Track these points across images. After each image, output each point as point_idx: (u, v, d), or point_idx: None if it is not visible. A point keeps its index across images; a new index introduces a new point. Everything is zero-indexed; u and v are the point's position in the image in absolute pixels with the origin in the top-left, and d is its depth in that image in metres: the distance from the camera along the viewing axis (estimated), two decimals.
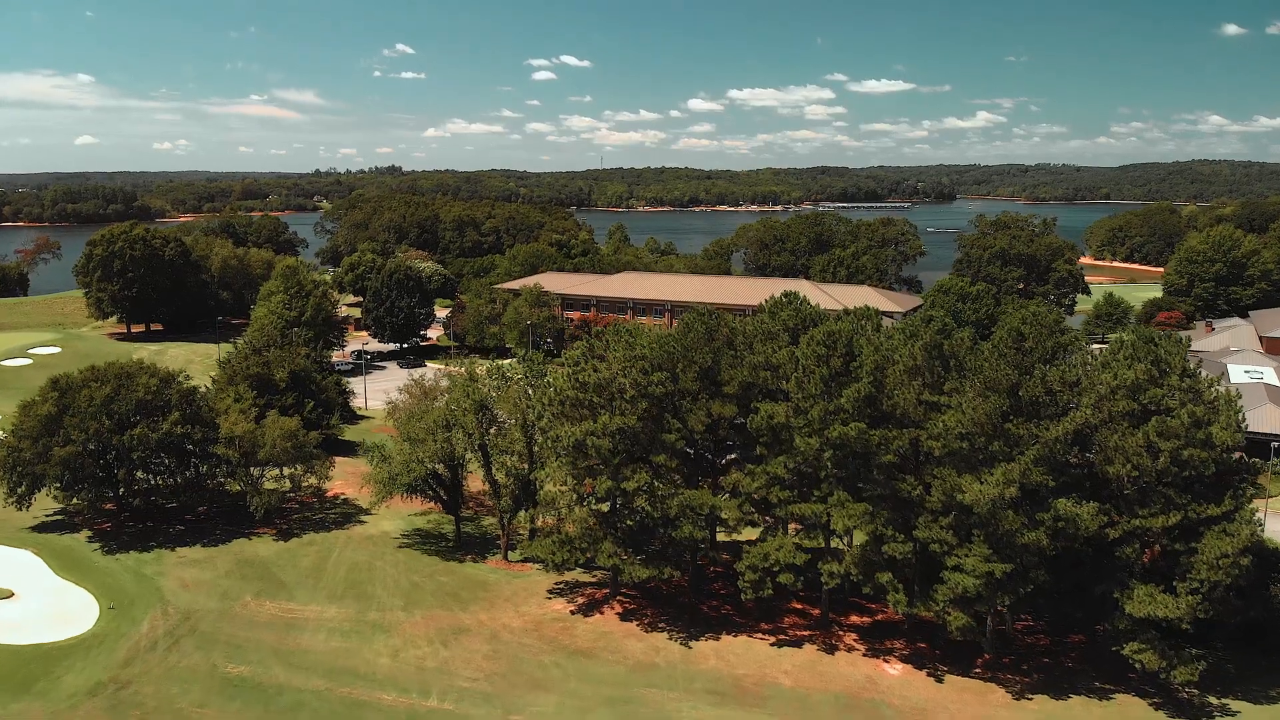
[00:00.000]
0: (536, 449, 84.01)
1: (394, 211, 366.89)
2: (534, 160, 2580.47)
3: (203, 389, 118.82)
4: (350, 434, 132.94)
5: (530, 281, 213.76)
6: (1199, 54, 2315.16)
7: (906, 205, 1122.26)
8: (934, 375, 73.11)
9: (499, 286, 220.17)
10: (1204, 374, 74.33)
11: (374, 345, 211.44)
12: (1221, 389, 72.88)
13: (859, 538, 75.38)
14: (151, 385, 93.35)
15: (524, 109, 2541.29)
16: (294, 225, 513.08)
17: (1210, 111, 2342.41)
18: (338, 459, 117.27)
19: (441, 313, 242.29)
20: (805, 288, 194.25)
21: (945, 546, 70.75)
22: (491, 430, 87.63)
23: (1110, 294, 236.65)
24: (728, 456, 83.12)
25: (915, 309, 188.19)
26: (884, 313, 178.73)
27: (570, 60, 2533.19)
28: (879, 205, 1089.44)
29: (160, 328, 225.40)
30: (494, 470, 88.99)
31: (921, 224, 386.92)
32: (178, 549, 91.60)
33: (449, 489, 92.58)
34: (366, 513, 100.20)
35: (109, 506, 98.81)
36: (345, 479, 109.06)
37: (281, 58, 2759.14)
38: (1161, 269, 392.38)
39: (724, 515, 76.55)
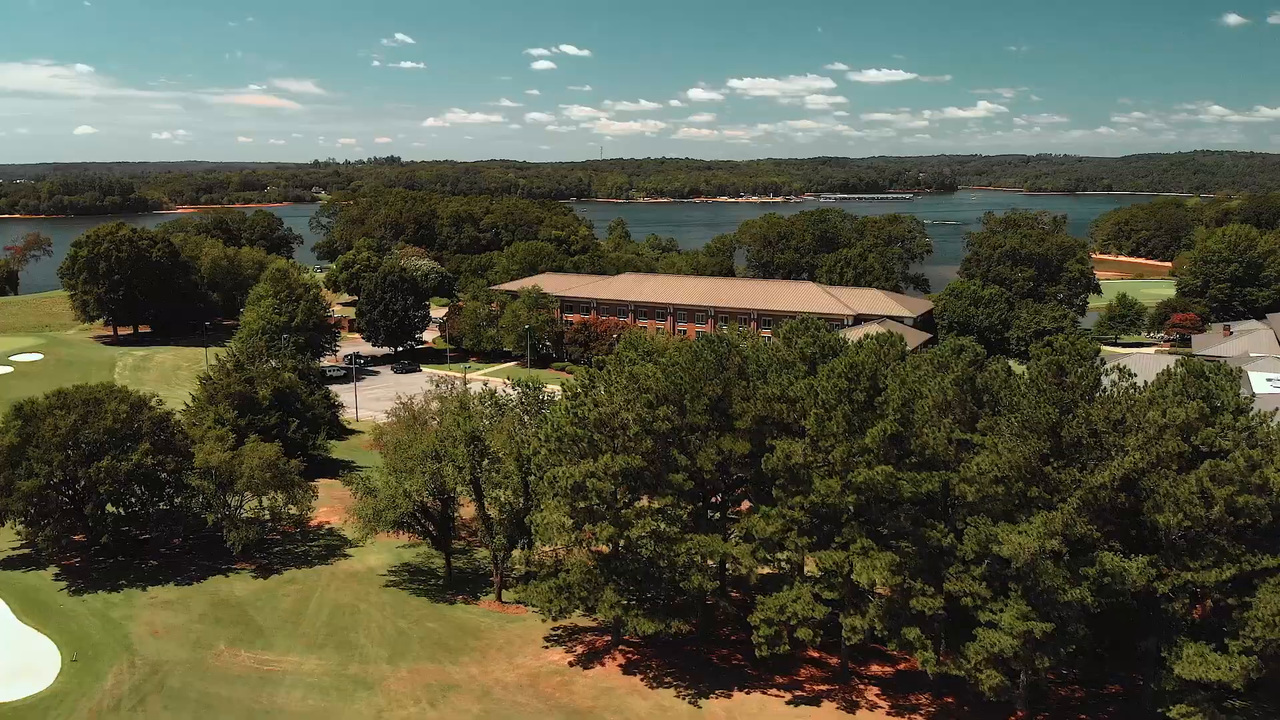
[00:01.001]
0: (532, 485, 77.92)
1: (391, 207, 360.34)
2: (533, 150, 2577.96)
3: (181, 410, 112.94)
4: (339, 450, 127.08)
5: (529, 283, 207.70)
6: (1200, 43, 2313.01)
7: (908, 196, 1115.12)
8: (966, 412, 67.19)
9: (496, 288, 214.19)
10: (1256, 409, 68.56)
11: (367, 349, 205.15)
12: (1274, 425, 67.13)
13: (882, 582, 69.27)
14: (121, 412, 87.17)
15: (523, 98, 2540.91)
16: (292, 217, 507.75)
17: (1211, 101, 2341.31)
18: (323, 481, 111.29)
19: (439, 312, 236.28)
20: (813, 290, 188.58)
21: (978, 600, 64.91)
22: (484, 463, 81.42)
23: (1123, 295, 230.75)
24: (739, 490, 77.03)
25: (926, 313, 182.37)
26: (895, 318, 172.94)
27: (569, 49, 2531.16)
28: (880, 196, 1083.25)
29: (148, 329, 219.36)
30: (486, 505, 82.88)
31: (923, 216, 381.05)
32: (149, 588, 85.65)
33: (439, 524, 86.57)
34: (352, 544, 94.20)
35: (79, 538, 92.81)
36: (331, 505, 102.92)
37: (280, 47, 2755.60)
38: (1169, 263, 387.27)
39: (737, 559, 70.59)
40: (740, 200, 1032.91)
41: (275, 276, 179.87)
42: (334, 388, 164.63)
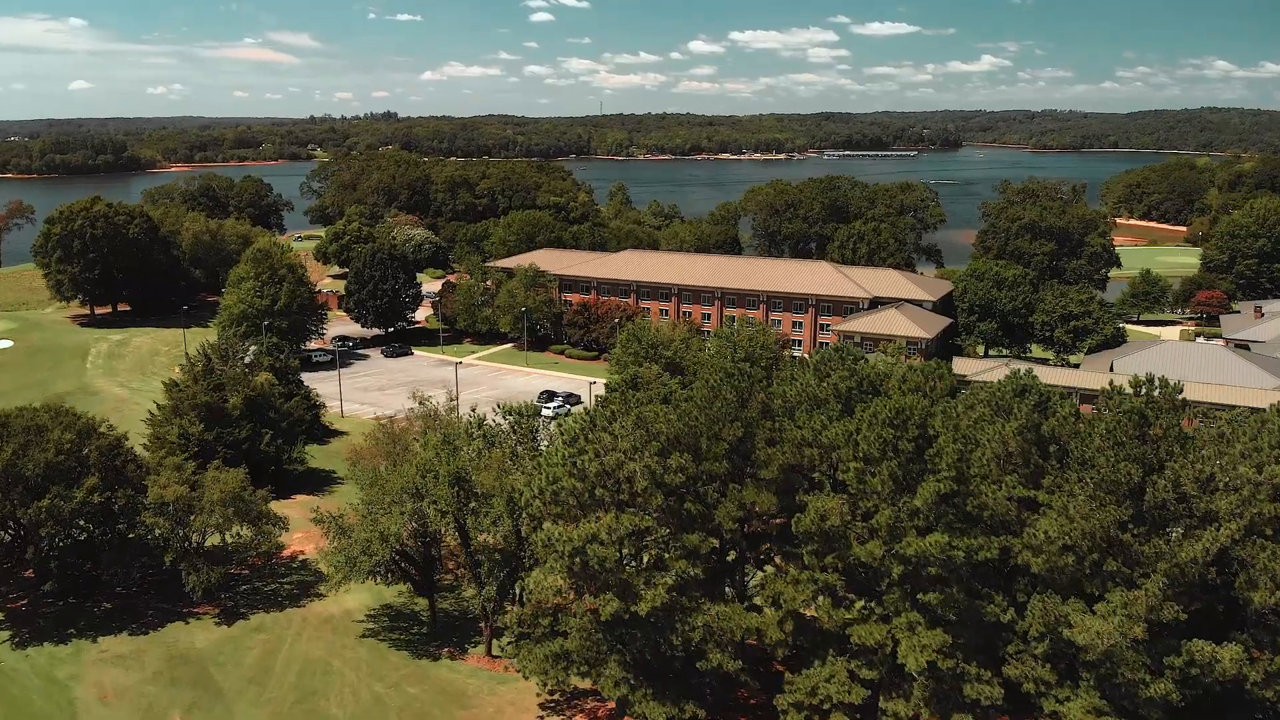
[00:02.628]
0: (525, 532, 68.57)
1: (384, 172, 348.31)
2: (532, 104, 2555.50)
3: (145, 418, 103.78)
4: (320, 457, 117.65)
5: (525, 260, 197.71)
6: None
7: (912, 154, 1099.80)
8: (1030, 465, 57.87)
9: (492, 265, 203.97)
10: None
11: (356, 331, 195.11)
12: None
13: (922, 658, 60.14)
14: (65, 442, 77.54)
15: (521, 51, 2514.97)
16: (287, 176, 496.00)
17: (1216, 57, 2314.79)
18: (300, 498, 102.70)
19: (433, 285, 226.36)
20: (826, 271, 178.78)
21: (1041, 686, 56.04)
22: (471, 504, 71.95)
23: (1147, 271, 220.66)
24: (763, 546, 67.74)
25: (946, 295, 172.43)
26: (914, 301, 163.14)
27: (568, 0, 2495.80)
28: (884, 154, 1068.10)
29: (128, 308, 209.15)
30: (475, 550, 73.51)
31: (928, 175, 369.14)
32: (100, 638, 76.58)
33: (421, 568, 77.42)
34: (327, 581, 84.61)
35: (28, 574, 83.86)
36: (306, 530, 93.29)
37: None
38: (1183, 228, 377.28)
39: (762, 632, 61.50)
40: (743, 158, 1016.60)
41: (256, 257, 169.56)
42: (319, 375, 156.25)
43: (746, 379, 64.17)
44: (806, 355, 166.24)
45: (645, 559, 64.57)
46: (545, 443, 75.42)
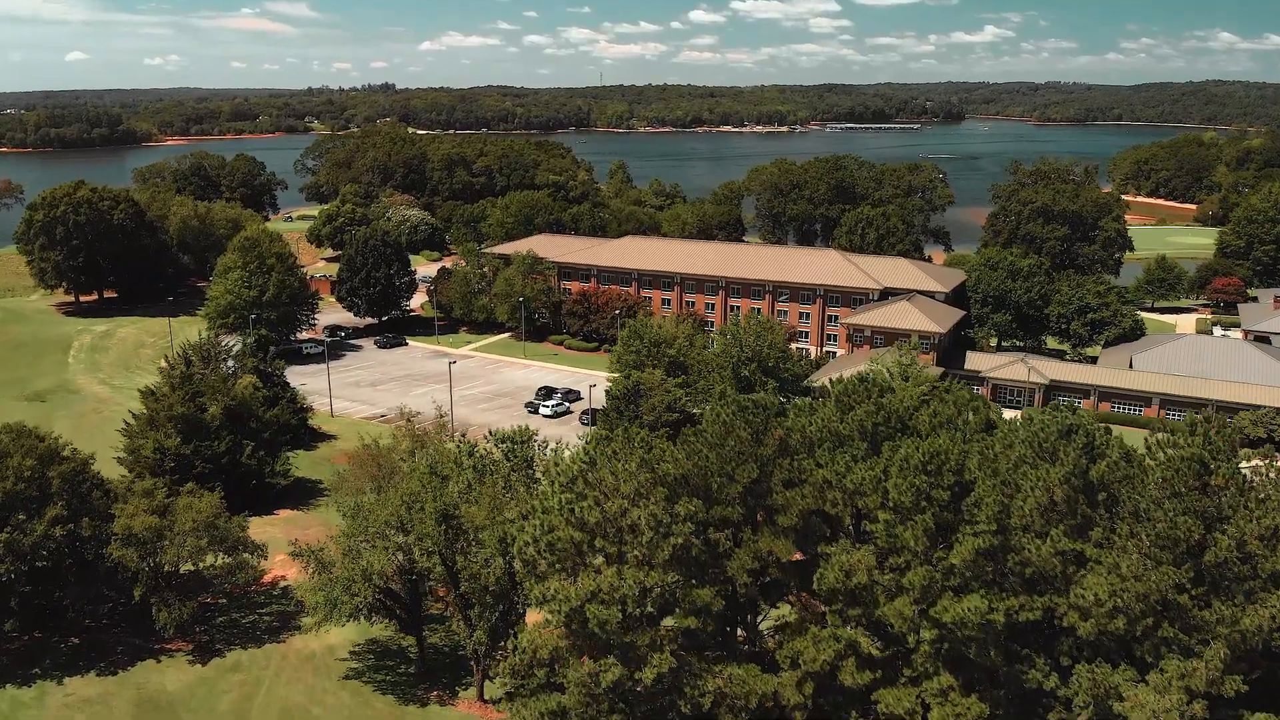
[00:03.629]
0: (519, 576, 63.10)
1: (379, 149, 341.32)
2: (531, 75, 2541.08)
3: (120, 428, 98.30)
4: (307, 465, 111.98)
5: (523, 245, 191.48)
6: None
7: (915, 126, 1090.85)
8: (1077, 516, 52.33)
9: (489, 251, 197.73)
10: None
11: (350, 319, 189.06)
12: None
13: None
14: (25, 469, 71.89)
15: (521, 20, 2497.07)
16: (283, 150, 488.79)
17: (1221, 28, 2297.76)
18: (284, 513, 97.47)
19: (429, 268, 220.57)
20: (834, 259, 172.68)
21: None
22: (460, 543, 66.44)
23: (1163, 257, 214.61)
24: (780, 596, 62.39)
25: (959, 285, 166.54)
26: (926, 292, 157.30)
27: None
28: (887, 126, 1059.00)
29: (114, 295, 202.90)
30: (464, 589, 67.91)
31: (932, 148, 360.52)
32: (66, 679, 71.15)
33: (408, 606, 72.00)
34: (310, 612, 79.38)
35: None
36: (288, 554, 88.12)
37: None
38: (1191, 206, 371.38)
39: (779, 694, 56.19)
40: (744, 130, 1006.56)
41: (244, 246, 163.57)
42: (310, 368, 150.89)
43: (762, 412, 58.51)
44: (813, 348, 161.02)
45: (649, 605, 59.33)
46: (541, 466, 69.84)
